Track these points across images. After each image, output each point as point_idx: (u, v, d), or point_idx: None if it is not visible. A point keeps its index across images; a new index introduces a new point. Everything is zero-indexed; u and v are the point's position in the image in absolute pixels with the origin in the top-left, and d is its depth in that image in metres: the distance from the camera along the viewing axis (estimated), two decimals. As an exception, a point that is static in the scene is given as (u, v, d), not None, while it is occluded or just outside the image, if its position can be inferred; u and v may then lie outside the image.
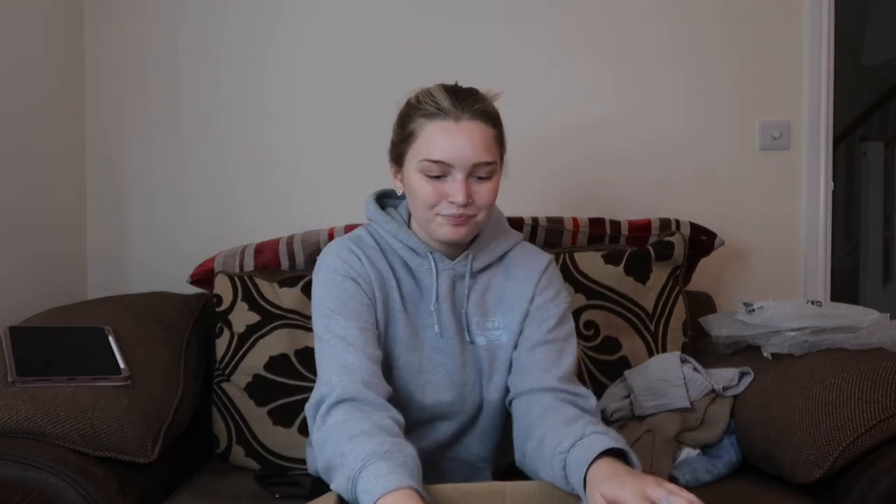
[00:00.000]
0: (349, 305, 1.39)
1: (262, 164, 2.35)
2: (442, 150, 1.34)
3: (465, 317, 1.45)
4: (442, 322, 1.44)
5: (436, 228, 1.39)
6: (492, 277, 1.48)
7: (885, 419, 1.54)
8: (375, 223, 1.49)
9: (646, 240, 2.15)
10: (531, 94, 2.34)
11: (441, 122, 1.34)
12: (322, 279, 1.44)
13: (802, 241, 2.43)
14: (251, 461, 1.90)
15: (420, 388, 1.44)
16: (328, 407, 1.29)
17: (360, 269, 1.42)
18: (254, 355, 1.92)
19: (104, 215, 2.36)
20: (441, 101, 1.35)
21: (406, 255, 1.45)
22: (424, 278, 1.45)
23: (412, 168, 1.38)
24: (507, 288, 1.47)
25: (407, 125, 1.39)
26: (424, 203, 1.37)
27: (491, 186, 1.38)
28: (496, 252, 1.48)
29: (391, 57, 2.33)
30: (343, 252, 1.44)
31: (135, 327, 1.86)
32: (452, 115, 1.34)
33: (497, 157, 1.40)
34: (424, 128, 1.36)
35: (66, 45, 2.27)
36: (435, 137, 1.34)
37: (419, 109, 1.37)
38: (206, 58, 2.34)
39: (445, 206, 1.36)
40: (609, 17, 2.37)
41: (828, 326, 1.82)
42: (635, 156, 2.38)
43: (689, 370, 1.86)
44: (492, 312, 1.47)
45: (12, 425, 1.47)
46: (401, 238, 1.44)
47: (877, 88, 4.95)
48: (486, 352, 1.45)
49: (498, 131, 1.41)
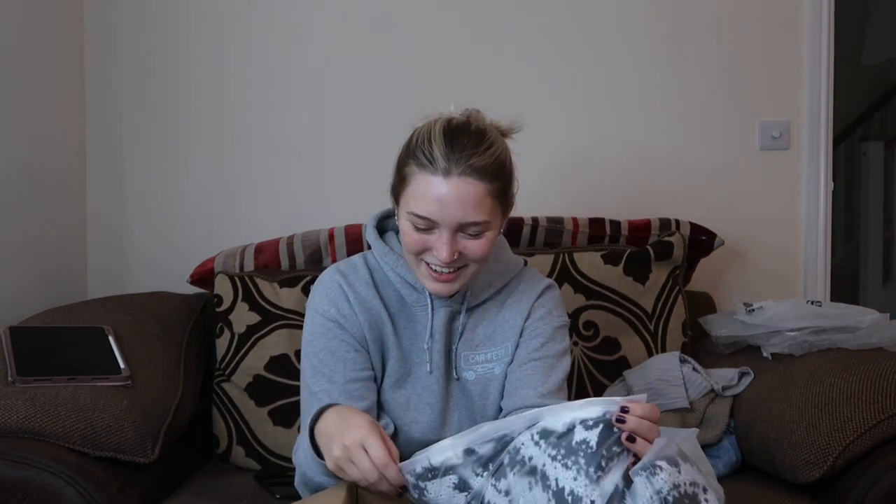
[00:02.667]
0: (336, 366, 1.36)
1: (262, 163, 2.35)
2: (427, 206, 1.27)
3: (454, 353, 1.41)
4: (433, 360, 1.40)
5: (422, 279, 1.35)
6: (486, 311, 1.43)
7: (885, 419, 1.54)
8: (374, 253, 1.44)
9: (646, 240, 2.15)
10: (531, 94, 2.35)
11: (431, 177, 1.26)
12: (309, 319, 1.41)
13: (802, 241, 2.42)
14: (251, 461, 1.90)
15: (406, 426, 1.40)
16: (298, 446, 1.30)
17: (346, 311, 1.38)
18: (254, 355, 1.92)
19: (104, 215, 2.36)
20: (434, 151, 1.27)
21: (402, 288, 1.41)
22: (420, 313, 1.41)
23: (402, 214, 1.32)
24: (499, 320, 1.43)
25: (402, 168, 1.33)
26: (410, 250, 1.32)
27: (482, 242, 1.30)
28: (494, 287, 1.43)
29: (395, 58, 2.33)
30: (332, 290, 1.40)
31: (135, 327, 1.86)
32: (442, 169, 1.26)
33: (492, 214, 1.30)
34: (415, 177, 1.29)
35: (66, 45, 2.27)
36: (422, 192, 1.27)
37: (414, 156, 1.29)
38: (206, 58, 2.34)
39: (430, 256, 1.31)
40: (609, 16, 2.36)
41: (828, 326, 1.82)
42: (635, 155, 2.38)
43: (689, 370, 1.86)
44: (482, 346, 1.42)
45: (12, 425, 1.47)
46: (399, 272, 1.40)
47: (877, 88, 4.95)
48: (477, 386, 1.41)
49: (497, 185, 1.30)
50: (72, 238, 2.31)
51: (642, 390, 1.82)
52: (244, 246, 2.12)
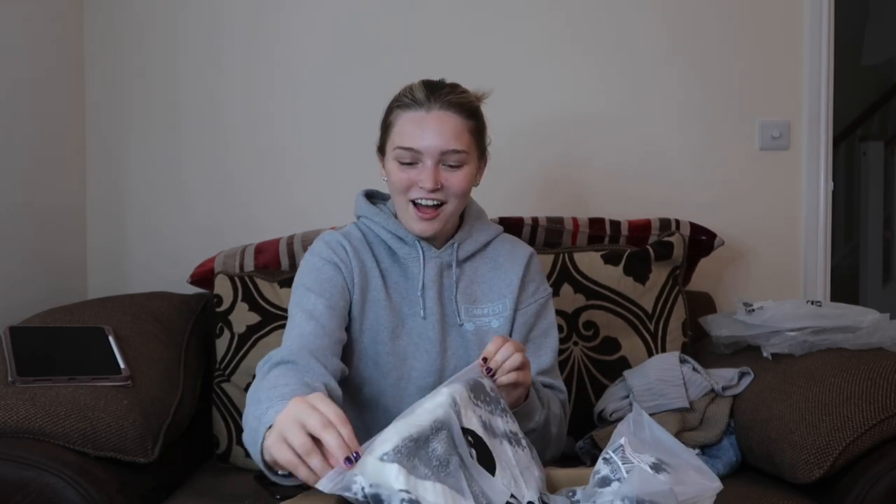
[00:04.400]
0: (323, 286, 1.45)
1: (262, 164, 2.36)
2: (411, 138, 1.42)
3: (455, 303, 1.51)
4: (427, 307, 1.49)
5: (409, 222, 1.47)
6: (478, 268, 1.55)
7: (885, 419, 1.54)
8: (365, 216, 1.55)
9: (646, 240, 2.15)
10: (531, 94, 2.35)
11: (413, 113, 1.43)
12: (305, 262, 1.51)
13: (802, 241, 2.43)
14: (251, 462, 1.90)
15: (406, 374, 1.48)
16: (269, 367, 1.28)
17: (343, 256, 1.49)
18: (254, 356, 1.92)
19: (104, 215, 2.36)
20: (416, 93, 1.44)
21: (394, 244, 1.52)
22: (412, 266, 1.51)
23: (389, 157, 1.46)
24: (494, 277, 1.54)
25: (387, 116, 1.48)
26: (398, 188, 1.45)
27: (462, 175, 1.44)
28: (479, 241, 1.55)
29: (392, 57, 2.34)
30: (332, 241, 1.51)
31: (135, 327, 1.86)
32: (425, 105, 1.42)
33: (469, 147, 1.45)
34: (399, 118, 1.44)
35: (66, 45, 2.28)
36: (407, 127, 1.43)
37: (397, 101, 1.46)
38: (207, 58, 2.34)
39: (416, 190, 1.43)
40: (610, 17, 2.37)
41: (828, 326, 1.82)
42: (635, 156, 2.38)
43: (689, 370, 1.86)
44: (480, 301, 1.53)
45: (12, 425, 1.47)
46: (389, 228, 1.51)
47: (877, 88, 4.95)
48: (475, 336, 1.51)
49: (473, 122, 1.46)
50: (72, 238, 2.31)
51: (642, 390, 1.82)
52: (244, 246, 2.12)
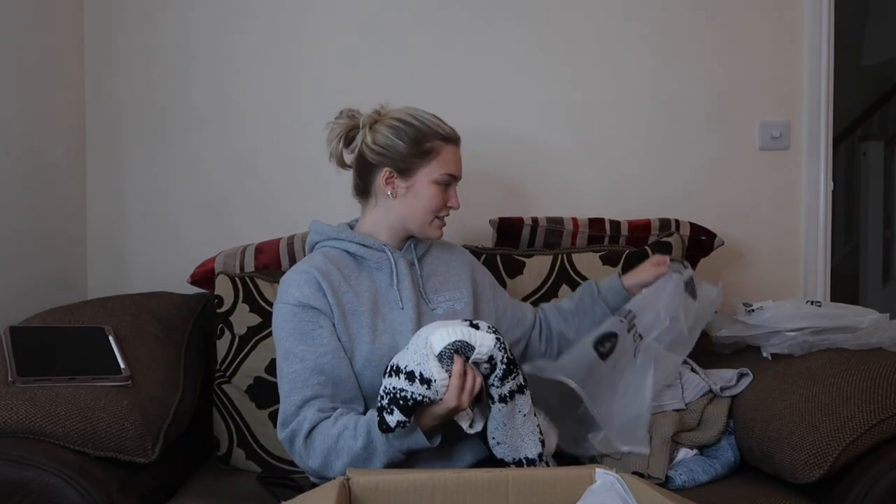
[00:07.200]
0: (305, 337, 1.56)
1: (262, 164, 2.36)
2: (455, 166, 1.68)
3: (424, 292, 1.68)
4: (403, 297, 1.64)
5: (432, 230, 1.69)
6: (431, 262, 1.75)
7: (884, 419, 1.55)
8: (329, 237, 1.69)
9: (646, 240, 2.15)
10: (530, 94, 2.35)
11: (453, 146, 1.67)
12: (278, 311, 1.61)
13: (802, 241, 2.43)
14: (252, 464, 1.90)
15: None
16: (303, 438, 1.50)
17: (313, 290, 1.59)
18: (255, 357, 1.92)
19: (104, 215, 2.36)
20: (446, 127, 1.67)
21: (362, 252, 1.66)
22: (382, 269, 1.66)
23: (426, 180, 1.64)
24: (447, 271, 1.75)
25: (424, 143, 1.64)
26: (434, 206, 1.65)
27: None
28: (426, 242, 1.75)
29: (386, 62, 2.34)
30: (294, 281, 1.60)
31: (135, 327, 1.86)
32: (455, 140, 1.68)
33: None
34: (444, 148, 1.65)
35: (66, 45, 2.28)
36: (448, 156, 1.66)
37: (436, 133, 1.65)
38: (207, 58, 2.34)
39: (444, 210, 1.68)
40: (610, 16, 2.37)
41: (827, 326, 1.82)
42: (635, 156, 2.38)
43: (687, 371, 1.86)
44: (441, 290, 1.71)
45: (12, 425, 1.47)
46: (356, 240, 1.66)
47: (877, 88, 4.95)
48: (446, 315, 1.66)
49: None
50: (72, 238, 2.31)
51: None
52: (244, 246, 2.12)
